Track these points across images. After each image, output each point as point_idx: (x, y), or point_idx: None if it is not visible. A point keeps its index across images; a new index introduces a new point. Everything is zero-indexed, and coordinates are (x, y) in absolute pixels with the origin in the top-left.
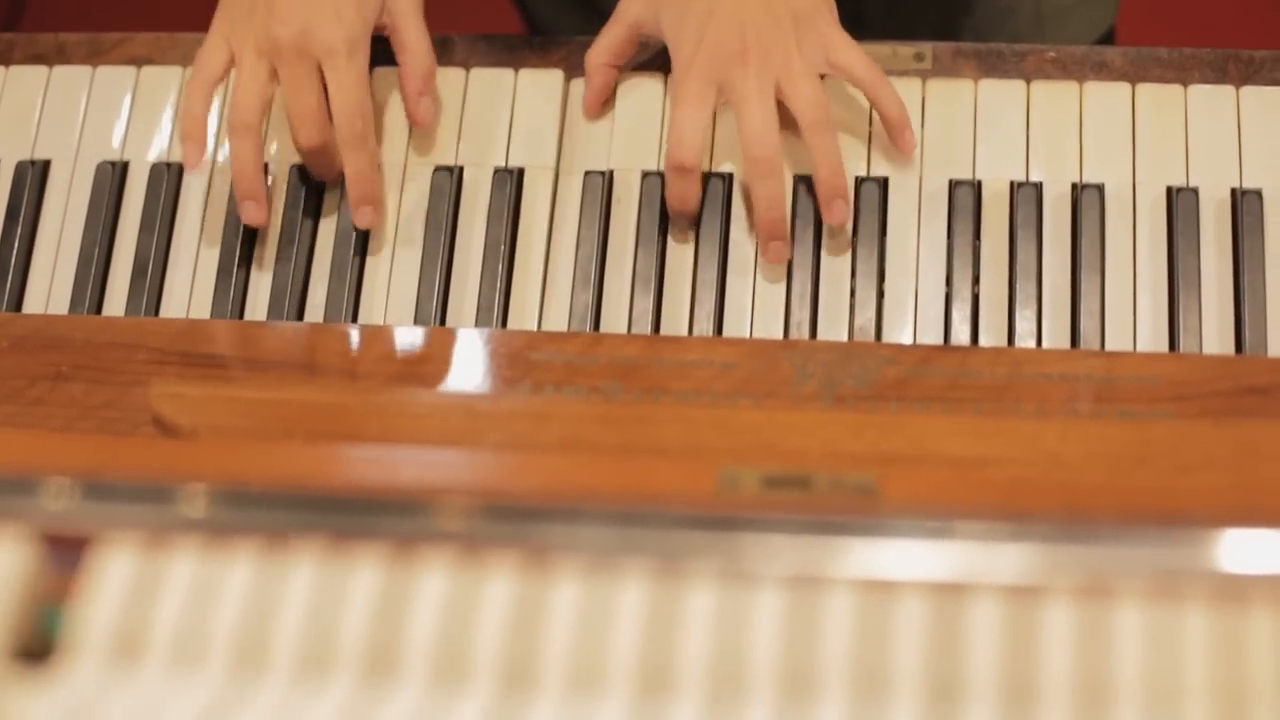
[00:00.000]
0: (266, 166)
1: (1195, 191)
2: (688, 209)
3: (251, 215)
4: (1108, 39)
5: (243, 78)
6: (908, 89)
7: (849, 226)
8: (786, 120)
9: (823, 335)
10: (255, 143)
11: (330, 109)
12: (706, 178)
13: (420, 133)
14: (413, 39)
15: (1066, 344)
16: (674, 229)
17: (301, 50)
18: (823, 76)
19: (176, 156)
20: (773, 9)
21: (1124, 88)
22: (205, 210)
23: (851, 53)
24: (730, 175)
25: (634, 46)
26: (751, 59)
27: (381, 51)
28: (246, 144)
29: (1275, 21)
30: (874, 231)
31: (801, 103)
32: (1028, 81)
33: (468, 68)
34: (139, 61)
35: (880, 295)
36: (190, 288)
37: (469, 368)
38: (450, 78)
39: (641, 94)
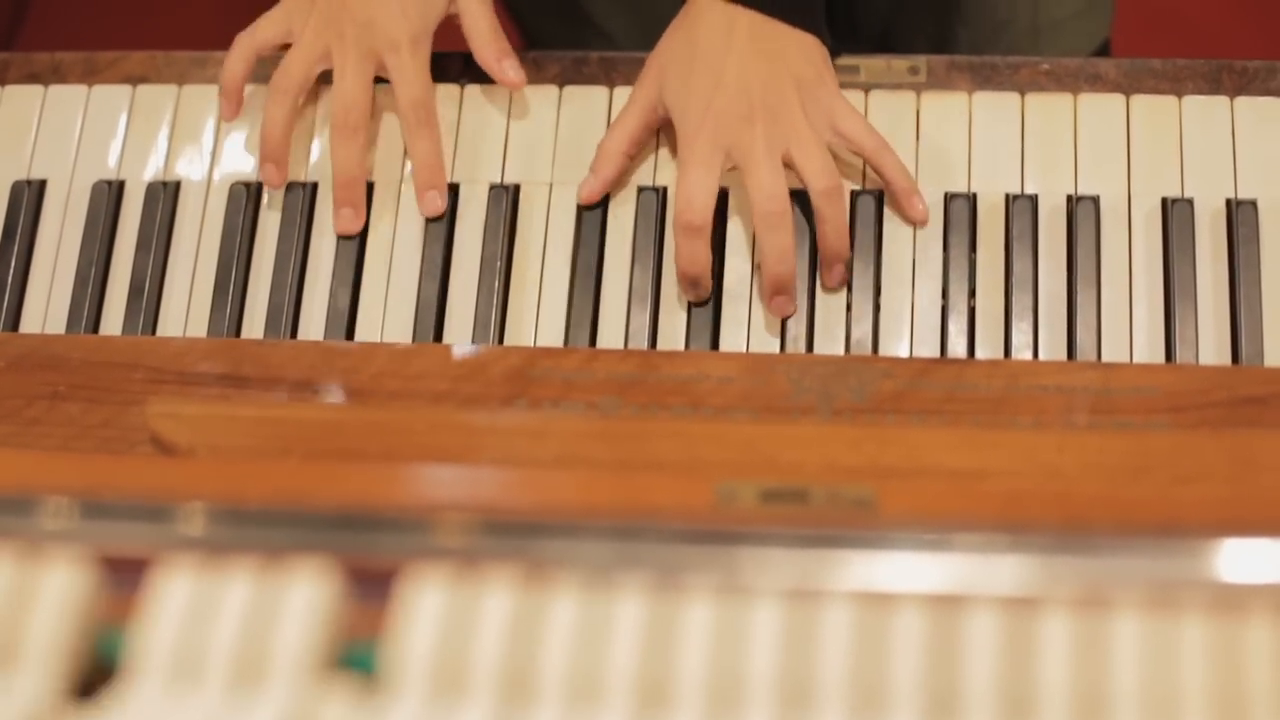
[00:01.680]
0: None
1: (1190, 202)
2: (697, 270)
3: (270, 176)
4: (1103, 51)
5: (296, 49)
6: (902, 102)
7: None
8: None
9: (819, 349)
10: (290, 109)
11: (395, 99)
12: None
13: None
14: (478, 21)
15: (1063, 356)
16: (686, 290)
17: (362, 41)
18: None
19: (173, 175)
20: (777, 76)
21: (1118, 99)
22: (201, 229)
23: (854, 120)
24: (725, 190)
25: (651, 131)
26: (759, 121)
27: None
28: (281, 109)
29: (1270, 31)
30: (870, 245)
31: (811, 170)
32: (1022, 94)
33: (462, 84)
34: (135, 80)
35: (876, 308)
36: (187, 306)
37: (466, 384)
38: (445, 94)
39: None
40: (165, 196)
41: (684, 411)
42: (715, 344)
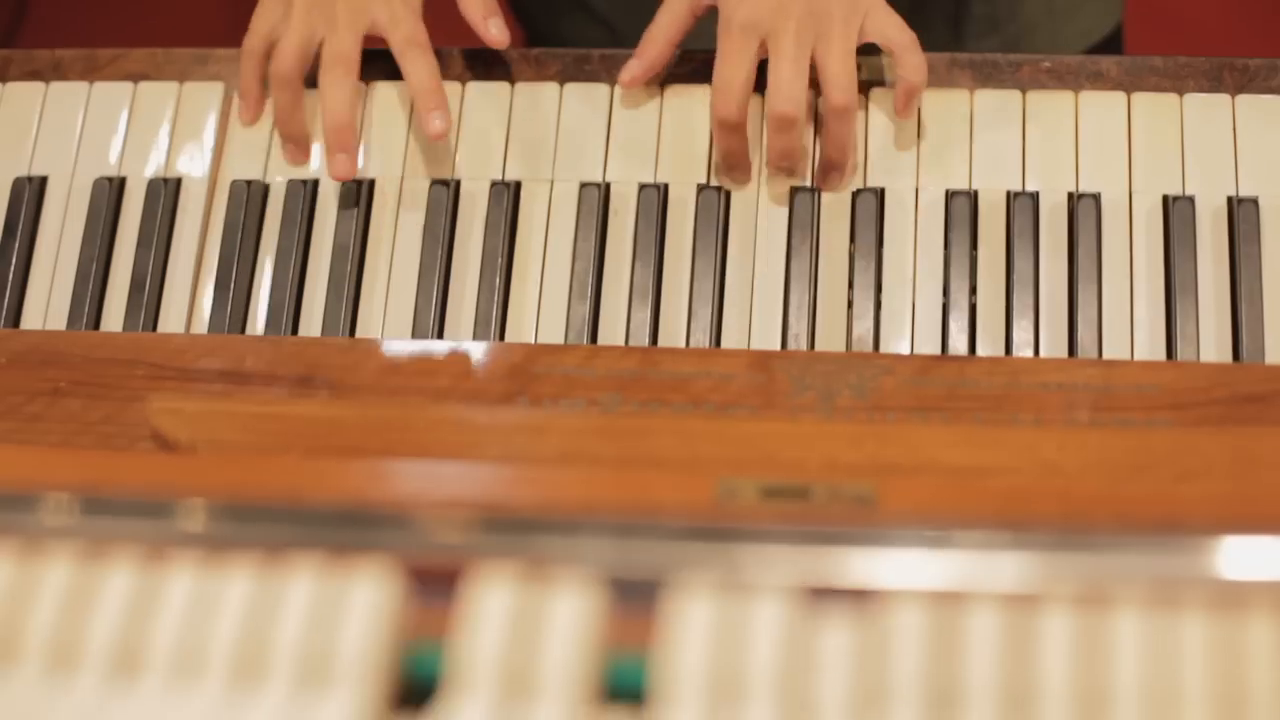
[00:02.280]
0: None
1: (1191, 200)
2: (737, 164)
3: (294, 155)
4: (1117, 34)
5: (288, 33)
6: None
7: (846, 239)
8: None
9: (820, 346)
10: (294, 92)
11: (389, 42)
12: (701, 190)
13: (417, 146)
14: None
15: (1064, 353)
16: (724, 177)
17: (353, 5)
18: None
19: (174, 172)
20: None
21: (1119, 97)
22: (203, 225)
23: (888, 19)
24: (729, 191)
25: (694, 20)
26: (794, 15)
27: (382, 66)
28: (285, 94)
29: (1271, 29)
30: (871, 242)
31: (832, 82)
32: (1023, 91)
33: (464, 81)
34: (135, 77)
35: (878, 306)
36: (188, 303)
37: (467, 381)
38: (447, 91)
39: (637, 107)
40: (166, 193)
41: (685, 408)
42: (716, 341)
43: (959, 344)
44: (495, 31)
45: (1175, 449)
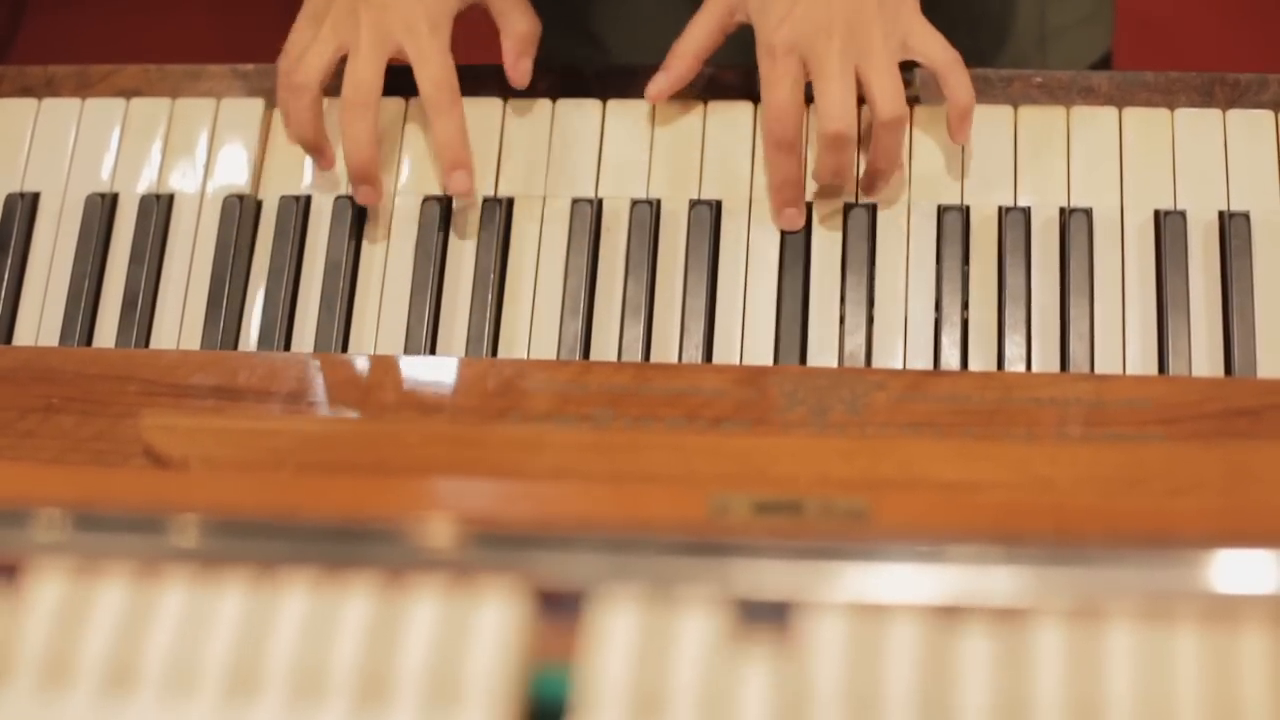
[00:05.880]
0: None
1: (1183, 214)
2: (792, 184)
3: (321, 161)
4: (1105, 60)
5: (313, 43)
6: None
7: (838, 254)
8: None
9: (812, 361)
10: (311, 101)
11: (417, 80)
12: (693, 205)
13: (409, 162)
14: (509, 6)
15: (1056, 368)
16: (781, 209)
17: (378, 26)
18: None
19: (166, 188)
20: None
21: (1111, 112)
22: (195, 242)
23: (930, 38)
24: (719, 203)
25: (724, 36)
26: (837, 35)
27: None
28: (301, 102)
29: (1261, 43)
30: (863, 257)
31: (880, 96)
32: (1015, 107)
33: None
34: (128, 93)
35: (870, 321)
36: (180, 319)
37: (459, 397)
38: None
39: (628, 122)
40: (158, 209)
41: (678, 424)
42: (709, 356)
43: (951, 359)
44: (520, 72)
45: (1167, 463)
